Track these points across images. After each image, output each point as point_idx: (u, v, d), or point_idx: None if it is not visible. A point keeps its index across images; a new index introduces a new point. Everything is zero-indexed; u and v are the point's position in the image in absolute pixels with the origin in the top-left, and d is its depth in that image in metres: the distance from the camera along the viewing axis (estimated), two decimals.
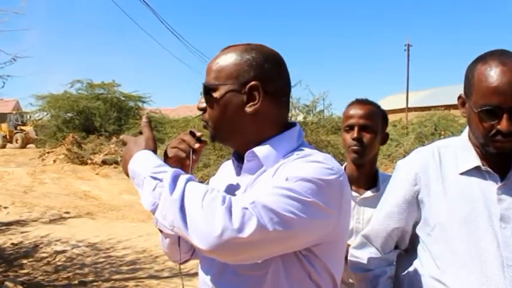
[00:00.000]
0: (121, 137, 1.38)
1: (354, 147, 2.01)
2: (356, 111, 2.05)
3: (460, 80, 1.43)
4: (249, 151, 1.24)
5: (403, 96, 31.68)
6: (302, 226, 1.07)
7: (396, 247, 1.65)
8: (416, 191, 1.49)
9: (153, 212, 1.10)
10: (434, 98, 31.82)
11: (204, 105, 1.28)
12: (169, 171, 1.11)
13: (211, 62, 1.29)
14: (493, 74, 1.30)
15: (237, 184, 1.29)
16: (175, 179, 1.08)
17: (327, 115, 13.40)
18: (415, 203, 1.50)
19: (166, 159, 1.28)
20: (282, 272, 1.15)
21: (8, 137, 31.30)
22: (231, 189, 1.29)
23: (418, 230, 1.53)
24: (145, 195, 1.12)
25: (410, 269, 1.57)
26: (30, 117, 33.23)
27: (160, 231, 1.32)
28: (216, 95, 1.24)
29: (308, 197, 1.07)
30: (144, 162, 1.17)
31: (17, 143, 30.29)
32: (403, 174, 1.54)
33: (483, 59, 1.36)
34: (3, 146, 30.13)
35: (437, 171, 1.46)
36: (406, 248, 1.65)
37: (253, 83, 1.23)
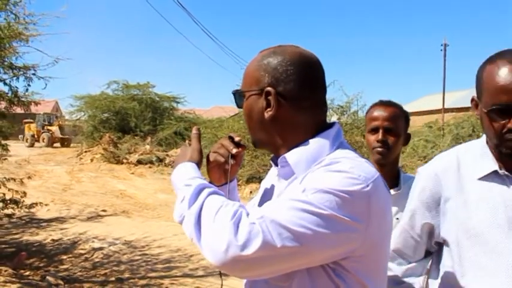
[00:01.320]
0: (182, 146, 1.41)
1: (379, 149, 2.04)
2: (380, 113, 2.08)
3: None
4: (281, 157, 1.22)
5: (439, 97, 31.00)
6: (318, 241, 1.00)
7: (427, 254, 1.59)
8: (437, 196, 1.45)
9: (181, 223, 1.12)
10: None
11: (241, 110, 1.33)
12: (194, 184, 1.12)
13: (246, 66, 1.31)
14: (501, 73, 1.27)
15: (275, 188, 1.28)
16: (197, 193, 1.10)
17: (361, 116, 13.26)
18: (435, 208, 1.47)
19: (208, 163, 1.31)
20: (307, 284, 1.09)
21: (36, 136, 32.97)
22: (267, 195, 1.30)
23: (440, 236, 1.48)
24: (175, 206, 1.14)
25: (435, 276, 1.54)
26: (56, 117, 34.62)
27: None
28: (245, 101, 1.27)
29: (325, 209, 1.01)
30: (182, 174, 1.20)
31: (43, 142, 31.70)
32: (424, 180, 1.50)
33: (492, 59, 1.33)
34: (32, 145, 31.83)
35: (456, 176, 1.42)
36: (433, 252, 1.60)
37: (268, 89, 1.20)
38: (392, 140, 2.04)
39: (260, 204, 1.32)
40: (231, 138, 1.31)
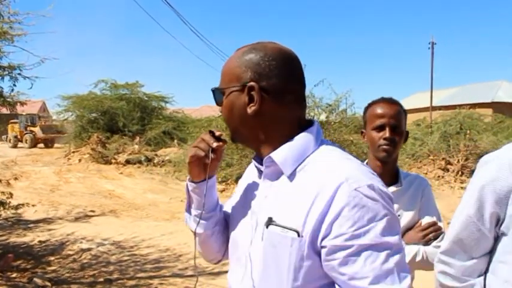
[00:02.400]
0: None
1: (386, 147, 2.03)
2: (387, 110, 2.06)
3: (487, 78, 1.41)
4: (266, 157, 1.21)
5: (427, 95, 31.23)
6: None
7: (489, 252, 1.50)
8: (510, 187, 1.36)
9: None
10: (459, 97, 31.34)
11: (220, 108, 1.32)
12: None
13: (224, 64, 1.30)
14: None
15: (259, 189, 1.27)
16: None
17: (349, 114, 13.31)
18: (505, 199, 1.37)
19: (188, 158, 1.32)
20: None
21: (19, 137, 33.04)
22: (249, 195, 1.31)
23: (501, 228, 1.41)
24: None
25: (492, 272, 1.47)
26: (40, 118, 34.49)
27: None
28: (223, 98, 1.27)
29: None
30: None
31: (26, 143, 31.56)
32: (496, 170, 1.41)
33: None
34: (15, 146, 32.16)
35: None
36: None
37: (250, 83, 1.19)
38: (397, 138, 2.05)
39: (242, 205, 1.32)
40: (212, 133, 1.31)
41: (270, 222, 1.15)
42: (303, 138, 1.21)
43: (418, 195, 2.11)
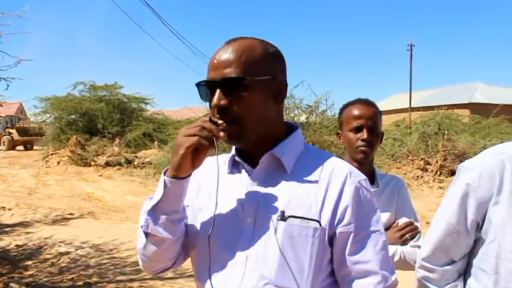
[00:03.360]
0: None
1: (363, 148, 2.03)
2: (364, 112, 2.06)
3: (464, 80, 1.42)
4: (267, 153, 1.20)
5: (406, 96, 31.62)
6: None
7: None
8: (491, 193, 1.38)
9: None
10: (438, 98, 31.77)
11: (225, 102, 1.16)
12: None
13: (229, 54, 1.17)
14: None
15: (243, 186, 1.23)
16: None
17: (329, 115, 13.38)
18: (485, 205, 1.40)
19: (181, 149, 1.12)
20: None
21: None
22: (233, 193, 1.23)
23: (481, 231, 1.42)
24: None
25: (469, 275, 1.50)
26: (19, 119, 33.87)
27: (146, 236, 1.23)
28: (247, 89, 1.15)
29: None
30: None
31: (4, 145, 30.96)
32: (477, 177, 1.42)
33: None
34: None
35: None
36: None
37: (282, 77, 1.22)
38: (374, 139, 2.05)
39: (222, 204, 1.21)
40: (212, 121, 1.15)
41: (283, 215, 1.15)
42: (298, 136, 1.27)
43: (395, 195, 2.12)
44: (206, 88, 1.20)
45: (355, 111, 2.07)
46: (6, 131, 32.39)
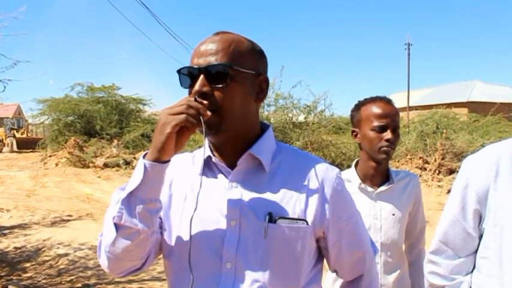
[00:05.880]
0: None
1: (386, 149, 1.98)
2: (388, 111, 2.00)
3: (462, 78, 1.42)
4: (246, 153, 1.18)
5: (404, 95, 31.63)
6: None
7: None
8: (488, 187, 1.41)
9: None
10: (436, 97, 31.79)
11: (208, 89, 1.11)
12: None
13: (218, 43, 1.14)
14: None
15: (220, 187, 1.19)
16: None
17: (328, 115, 13.39)
18: (485, 199, 1.42)
19: (165, 127, 1.05)
20: None
21: (4, 141, 32.01)
22: (210, 195, 1.18)
23: (483, 227, 1.44)
24: None
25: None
26: (26, 121, 33.77)
27: (116, 229, 1.12)
28: (232, 79, 1.12)
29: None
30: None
31: (8, 147, 30.85)
32: (476, 170, 1.45)
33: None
34: (0, 150, 30.59)
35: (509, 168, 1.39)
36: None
37: (265, 76, 1.22)
38: (397, 140, 2.02)
39: (200, 208, 1.14)
40: (198, 100, 1.09)
41: (271, 217, 1.14)
42: (271, 135, 1.26)
43: (411, 192, 2.10)
44: (189, 76, 1.15)
45: (378, 110, 2.00)
46: (12, 132, 32.27)
